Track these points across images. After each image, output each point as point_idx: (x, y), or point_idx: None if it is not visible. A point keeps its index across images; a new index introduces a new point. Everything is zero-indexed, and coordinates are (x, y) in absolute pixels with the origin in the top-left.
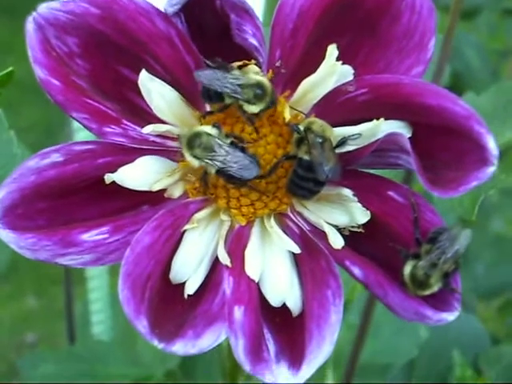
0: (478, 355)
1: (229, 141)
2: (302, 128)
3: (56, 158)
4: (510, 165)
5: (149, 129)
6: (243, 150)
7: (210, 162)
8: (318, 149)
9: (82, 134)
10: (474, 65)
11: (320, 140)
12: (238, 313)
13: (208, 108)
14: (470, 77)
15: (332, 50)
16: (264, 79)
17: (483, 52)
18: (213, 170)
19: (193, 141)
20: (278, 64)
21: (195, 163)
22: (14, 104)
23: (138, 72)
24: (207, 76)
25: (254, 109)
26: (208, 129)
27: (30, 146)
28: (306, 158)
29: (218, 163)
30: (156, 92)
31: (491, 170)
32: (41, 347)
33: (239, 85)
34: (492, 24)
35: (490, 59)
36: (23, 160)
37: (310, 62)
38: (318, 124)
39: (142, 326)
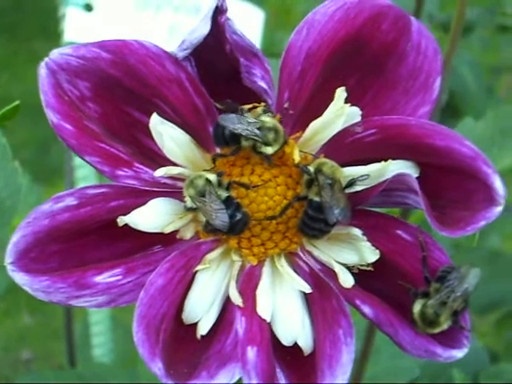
0: (478, 373)
1: (226, 194)
2: (312, 169)
3: (70, 201)
4: (509, 190)
5: (161, 172)
6: (237, 205)
7: (199, 204)
8: (328, 191)
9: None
10: (468, 82)
11: (330, 182)
12: (251, 353)
13: (218, 150)
14: (464, 94)
15: (340, 93)
16: (276, 122)
17: (477, 69)
18: (202, 218)
19: (192, 182)
20: (286, 105)
21: (188, 202)
22: (9, 121)
23: (148, 115)
24: (231, 120)
25: (270, 150)
26: (212, 176)
27: (25, 163)
28: (317, 199)
29: (203, 207)
30: (167, 135)
31: (499, 209)
32: (36, 364)
33: (258, 128)
34: (485, 40)
35: (484, 76)
36: (26, 188)
37: (318, 103)
38: (328, 165)
39: (157, 368)
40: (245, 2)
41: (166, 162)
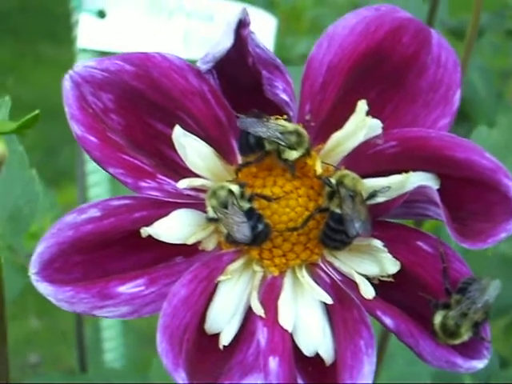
0: (489, 379)
1: (248, 205)
2: (333, 181)
3: (93, 213)
4: None
5: (184, 184)
6: (259, 217)
7: (220, 215)
8: (350, 204)
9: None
10: (478, 88)
11: (351, 194)
12: (273, 363)
13: (240, 161)
14: (473, 100)
15: (362, 106)
16: (298, 127)
17: (487, 75)
18: (224, 229)
19: (215, 192)
20: (307, 117)
21: (210, 212)
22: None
23: (171, 126)
24: (251, 123)
25: (294, 154)
26: (234, 187)
27: (33, 166)
28: (338, 211)
29: (225, 219)
30: (190, 148)
31: None
32: (44, 368)
33: (280, 132)
34: (494, 44)
35: (493, 81)
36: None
37: (340, 115)
38: (350, 178)
39: (180, 378)
40: (257, 8)
41: (189, 173)
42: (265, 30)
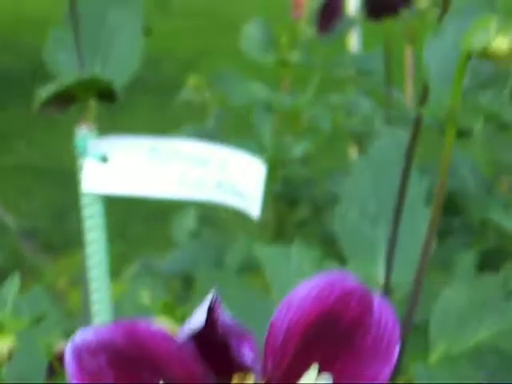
0: None
1: None
2: None
3: None
4: None
5: None
6: None
7: None
8: None
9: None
10: (469, 182)
11: None
12: None
13: None
14: (465, 193)
15: (313, 367)
16: None
17: (478, 171)
18: None
19: None
20: (270, 370)
21: None
22: (26, 187)
23: (156, 380)
24: None
25: None
26: None
27: (43, 231)
28: None
29: None
30: None
31: None
32: None
33: None
34: (486, 137)
35: (485, 177)
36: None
37: (298, 367)
38: None
39: None
40: (245, 154)
41: None
42: (253, 175)
